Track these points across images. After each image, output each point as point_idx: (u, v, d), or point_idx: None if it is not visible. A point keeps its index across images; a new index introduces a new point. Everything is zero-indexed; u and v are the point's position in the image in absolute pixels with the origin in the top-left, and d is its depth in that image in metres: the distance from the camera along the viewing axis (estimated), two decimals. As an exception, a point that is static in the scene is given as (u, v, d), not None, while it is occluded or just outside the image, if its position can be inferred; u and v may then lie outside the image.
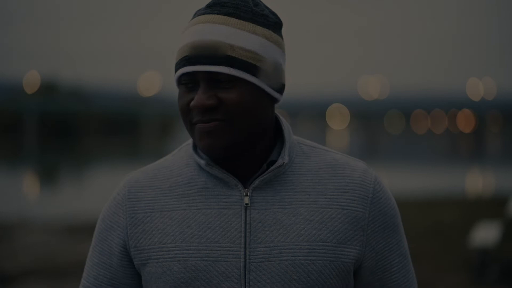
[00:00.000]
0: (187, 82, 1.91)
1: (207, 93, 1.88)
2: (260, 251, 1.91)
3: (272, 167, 1.94)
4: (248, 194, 1.93)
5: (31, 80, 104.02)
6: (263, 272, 1.90)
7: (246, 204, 1.93)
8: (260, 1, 2.00)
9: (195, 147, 2.01)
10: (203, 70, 1.87)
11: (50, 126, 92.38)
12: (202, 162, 1.95)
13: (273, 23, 1.96)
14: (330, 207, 1.94)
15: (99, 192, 26.23)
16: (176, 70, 1.93)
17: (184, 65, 1.90)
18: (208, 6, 1.94)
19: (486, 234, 10.71)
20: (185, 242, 1.92)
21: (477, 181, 30.87)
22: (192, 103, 1.88)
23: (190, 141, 2.05)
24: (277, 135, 2.02)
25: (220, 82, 1.88)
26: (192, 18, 1.96)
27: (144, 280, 1.99)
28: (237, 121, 1.89)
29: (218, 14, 1.91)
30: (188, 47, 1.90)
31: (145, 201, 1.99)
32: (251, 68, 1.89)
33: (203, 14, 1.93)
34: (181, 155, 2.04)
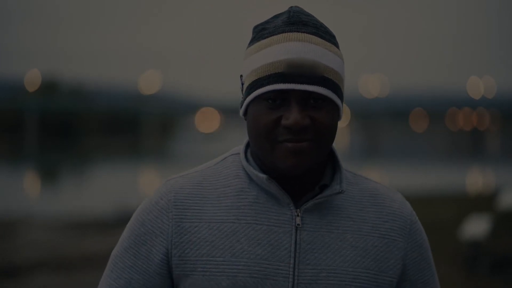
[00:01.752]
0: (274, 99, 1.86)
1: (302, 112, 1.85)
2: (308, 272, 1.90)
3: (327, 193, 1.93)
4: (299, 214, 1.92)
5: (32, 79, 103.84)
6: None
7: (298, 224, 1.91)
8: None
9: (246, 159, 1.98)
10: (301, 89, 1.84)
11: (51, 124, 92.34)
12: (262, 176, 1.91)
13: (337, 43, 1.95)
14: (373, 235, 1.97)
15: (100, 190, 26.51)
16: (260, 85, 1.87)
17: (276, 82, 1.85)
18: (291, 24, 1.89)
19: (476, 227, 10.92)
20: (235, 257, 1.89)
21: (474, 179, 31.05)
22: (287, 122, 1.84)
23: (234, 151, 2.03)
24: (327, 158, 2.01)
25: (310, 101, 1.86)
26: (269, 34, 1.90)
27: None
28: (324, 142, 1.88)
29: (305, 33, 1.88)
30: (283, 63, 1.85)
31: (192, 210, 1.93)
32: (338, 89, 1.90)
33: (289, 31, 1.88)
34: (227, 166, 1.99)
